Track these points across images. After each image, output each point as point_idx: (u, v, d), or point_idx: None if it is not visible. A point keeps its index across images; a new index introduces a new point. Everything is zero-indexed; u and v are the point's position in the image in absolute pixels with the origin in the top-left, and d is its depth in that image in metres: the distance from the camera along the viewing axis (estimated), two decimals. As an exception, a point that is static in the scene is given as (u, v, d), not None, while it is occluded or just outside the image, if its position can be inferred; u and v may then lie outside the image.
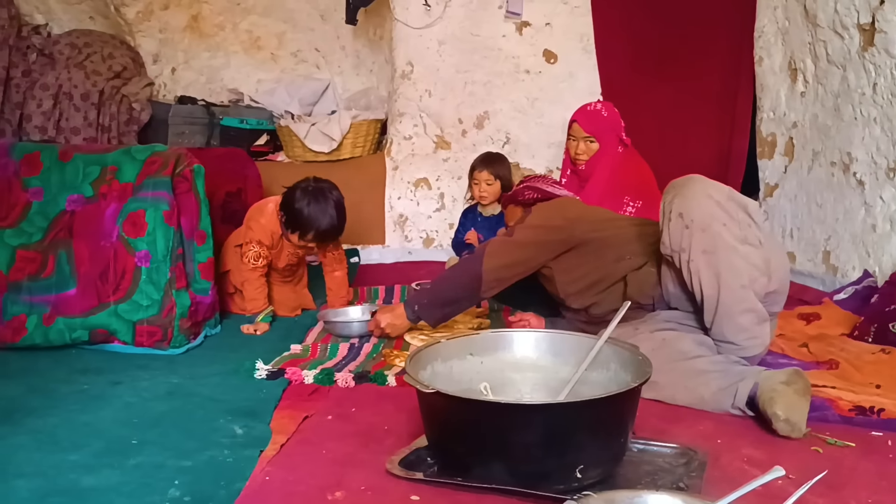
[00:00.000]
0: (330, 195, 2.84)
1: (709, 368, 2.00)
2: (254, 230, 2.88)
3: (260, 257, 2.86)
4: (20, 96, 4.20)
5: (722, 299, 1.98)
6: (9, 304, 2.49)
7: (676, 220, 2.00)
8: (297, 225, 2.82)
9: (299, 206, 2.79)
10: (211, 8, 4.76)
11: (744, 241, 1.99)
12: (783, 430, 1.77)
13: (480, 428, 1.44)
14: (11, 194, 2.63)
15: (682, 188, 2.05)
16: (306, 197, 2.80)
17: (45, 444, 1.70)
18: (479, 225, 3.64)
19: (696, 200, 1.99)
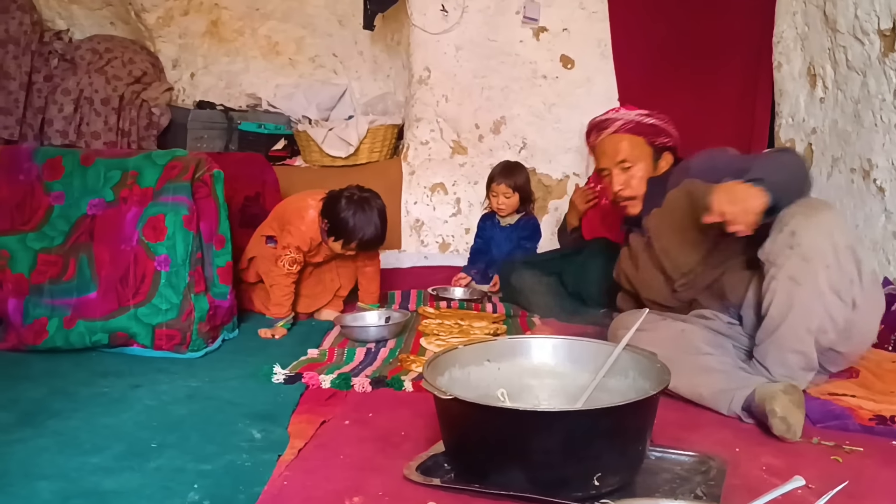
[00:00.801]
0: (374, 204, 2.87)
1: (715, 367, 2.02)
2: (293, 235, 2.88)
3: (295, 263, 2.87)
4: (42, 101, 4.25)
5: (782, 330, 1.95)
6: (30, 307, 2.52)
7: (787, 235, 1.93)
8: (340, 233, 2.84)
9: (344, 216, 2.81)
10: (230, 13, 4.80)
11: (835, 292, 1.92)
12: (779, 427, 1.77)
13: (498, 434, 1.44)
14: (34, 198, 2.67)
15: (812, 210, 1.95)
16: (351, 206, 2.82)
17: (67, 447, 1.72)
18: (498, 234, 3.64)
19: (816, 231, 1.91)
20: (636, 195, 2.40)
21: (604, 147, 2.43)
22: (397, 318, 2.81)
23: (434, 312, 3.08)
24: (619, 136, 2.40)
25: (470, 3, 4.17)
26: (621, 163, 2.39)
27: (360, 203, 2.84)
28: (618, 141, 2.40)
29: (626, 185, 2.40)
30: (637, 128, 2.39)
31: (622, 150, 2.39)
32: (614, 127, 2.39)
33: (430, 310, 3.13)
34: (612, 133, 2.40)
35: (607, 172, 2.42)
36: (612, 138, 2.41)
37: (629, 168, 2.39)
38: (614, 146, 2.40)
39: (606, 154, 2.42)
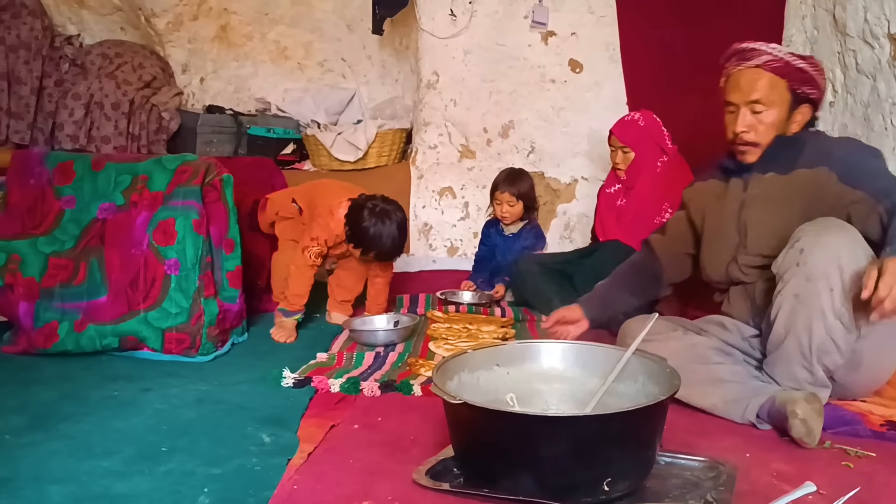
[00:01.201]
0: (395, 216, 2.89)
1: (726, 378, 2.01)
2: (322, 229, 2.91)
3: (321, 256, 2.90)
4: (52, 105, 4.27)
5: (786, 344, 1.94)
6: (41, 310, 2.53)
7: (796, 252, 1.91)
8: (360, 242, 2.87)
9: (365, 226, 2.84)
10: (239, 18, 4.82)
11: (837, 316, 1.87)
12: (798, 430, 1.77)
13: (508, 439, 1.44)
14: (45, 202, 2.69)
15: (825, 230, 1.91)
16: (372, 217, 2.84)
17: (78, 450, 1.73)
18: (501, 241, 3.62)
19: (823, 252, 1.87)
20: (759, 143, 2.15)
21: (739, 79, 2.14)
22: (406, 322, 2.81)
23: (443, 316, 3.08)
24: (760, 72, 2.10)
25: (478, 7, 4.18)
26: (754, 102, 2.12)
27: (380, 215, 2.86)
28: (757, 77, 2.11)
29: (751, 128, 2.14)
30: (784, 68, 2.10)
31: (759, 88, 2.11)
32: (758, 60, 2.10)
33: (439, 314, 3.13)
34: (754, 66, 2.11)
35: (734, 109, 2.16)
36: (751, 72, 2.12)
37: (761, 111, 2.12)
38: (751, 82, 2.11)
39: (740, 88, 2.13)
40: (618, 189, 3.41)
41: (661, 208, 3.23)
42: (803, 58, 2.12)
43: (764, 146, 2.16)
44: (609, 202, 3.43)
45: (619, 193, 3.39)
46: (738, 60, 2.15)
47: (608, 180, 3.50)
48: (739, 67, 2.13)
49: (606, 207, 3.43)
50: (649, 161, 3.29)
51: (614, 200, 3.41)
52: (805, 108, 2.16)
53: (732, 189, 2.26)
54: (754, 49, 2.12)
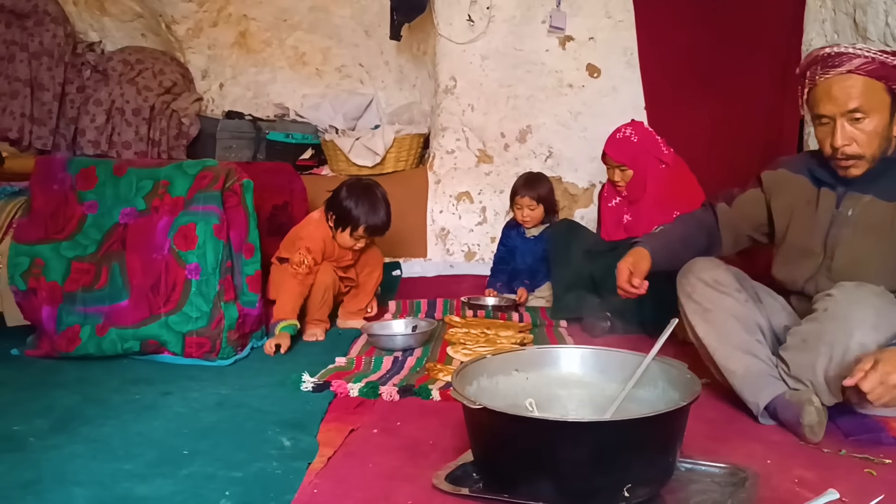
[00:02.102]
0: (376, 190, 2.95)
1: (759, 356, 2.01)
2: (303, 238, 2.92)
3: (303, 263, 2.84)
4: (74, 111, 4.32)
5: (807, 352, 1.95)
6: (64, 314, 2.57)
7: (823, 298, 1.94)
8: (347, 221, 2.90)
9: (347, 204, 2.89)
10: (258, 24, 4.86)
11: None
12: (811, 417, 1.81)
13: (527, 445, 1.44)
14: (68, 207, 2.72)
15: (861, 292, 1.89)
16: (353, 193, 2.90)
17: (100, 453, 1.75)
18: (522, 244, 3.61)
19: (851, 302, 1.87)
20: (864, 154, 1.97)
21: (830, 88, 1.96)
22: (424, 326, 2.81)
23: (460, 321, 3.08)
24: (854, 78, 1.93)
25: (496, 12, 4.18)
26: (852, 112, 1.94)
27: (361, 189, 2.93)
28: (852, 84, 1.93)
29: (853, 139, 1.96)
30: (880, 69, 1.92)
31: (856, 95, 1.93)
32: (849, 65, 1.93)
33: (457, 319, 3.13)
34: (846, 72, 1.94)
35: (828, 121, 1.98)
36: (843, 79, 1.94)
37: (860, 119, 1.95)
38: (846, 89, 1.94)
39: (833, 98, 1.95)
40: (620, 202, 3.32)
41: (672, 217, 3.16)
42: (895, 53, 1.97)
43: (870, 157, 1.99)
44: (614, 217, 3.33)
45: (623, 207, 3.30)
46: (825, 68, 1.97)
47: (608, 192, 3.38)
48: (828, 76, 1.96)
49: (612, 223, 3.34)
50: (650, 175, 3.19)
51: (619, 216, 3.31)
52: None
53: (824, 200, 2.10)
54: (842, 53, 1.95)
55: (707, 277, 2.11)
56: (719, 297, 2.06)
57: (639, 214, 3.22)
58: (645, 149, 3.20)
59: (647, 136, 3.24)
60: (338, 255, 3.02)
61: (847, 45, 1.97)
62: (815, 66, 2.00)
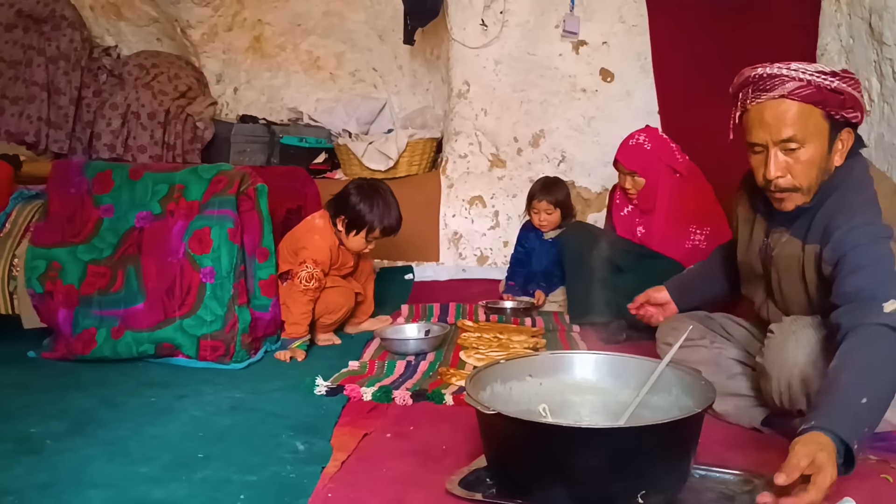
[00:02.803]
0: (384, 189, 2.91)
1: (742, 392, 2.04)
2: (309, 249, 2.81)
3: (312, 279, 2.75)
4: (91, 115, 4.36)
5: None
6: (80, 317, 2.59)
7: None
8: (362, 223, 2.84)
9: (361, 207, 2.84)
10: (273, 29, 4.89)
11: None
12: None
13: (541, 451, 1.44)
14: (84, 211, 2.74)
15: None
16: (365, 195, 2.85)
17: (116, 456, 1.76)
18: (539, 246, 3.61)
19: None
20: (799, 186, 1.81)
21: (762, 114, 1.78)
22: (437, 331, 2.82)
23: (473, 326, 3.08)
24: (788, 103, 1.76)
25: (509, 17, 4.19)
26: (786, 141, 1.77)
27: (370, 190, 2.88)
28: (785, 109, 1.76)
29: (787, 170, 1.80)
30: (816, 94, 1.75)
31: (790, 122, 1.76)
32: (782, 89, 1.75)
33: (469, 323, 3.13)
34: (778, 97, 1.76)
35: (760, 149, 1.82)
36: (776, 104, 1.77)
37: (795, 149, 1.78)
38: (778, 116, 1.76)
39: (765, 125, 1.78)
40: (631, 211, 3.23)
41: (687, 231, 3.11)
42: (836, 74, 1.77)
43: (806, 189, 1.82)
44: (627, 228, 3.25)
45: (635, 218, 3.22)
46: (756, 92, 1.78)
47: (620, 199, 3.29)
48: (759, 100, 1.78)
49: (626, 233, 3.25)
50: (662, 184, 3.12)
51: (633, 227, 3.23)
52: (846, 134, 1.82)
53: (758, 227, 2.02)
54: (774, 75, 1.76)
55: (670, 340, 2.09)
56: (688, 351, 2.05)
57: (651, 228, 3.15)
58: (658, 157, 3.13)
59: (660, 144, 3.18)
60: (341, 262, 2.97)
61: (781, 66, 1.77)
62: (747, 89, 1.81)
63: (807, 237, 1.85)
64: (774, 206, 1.88)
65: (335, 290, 2.91)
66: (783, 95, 1.75)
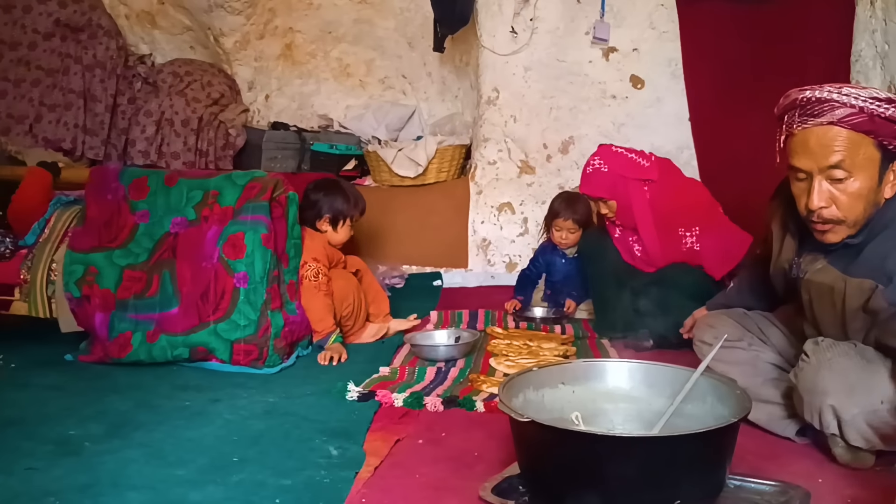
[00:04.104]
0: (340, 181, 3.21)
1: (776, 400, 2.01)
2: (304, 252, 2.90)
3: (319, 273, 2.86)
4: (126, 122, 4.44)
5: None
6: (116, 321, 2.63)
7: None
8: (344, 214, 3.05)
9: (337, 203, 3.04)
10: (304, 37, 4.94)
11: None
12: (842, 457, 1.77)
13: (575, 459, 1.44)
14: (120, 217, 2.79)
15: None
16: (331, 191, 3.07)
17: (153, 459, 1.79)
18: (559, 262, 3.57)
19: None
20: (844, 219, 1.72)
21: (807, 140, 1.69)
22: (467, 337, 2.82)
23: (502, 333, 3.08)
24: (837, 130, 1.66)
25: (539, 24, 4.20)
26: (833, 169, 1.68)
27: (330, 185, 3.12)
28: (833, 137, 1.66)
29: (832, 201, 1.71)
30: (868, 123, 1.64)
31: (837, 150, 1.66)
32: (831, 115, 1.65)
33: (499, 330, 3.13)
34: (826, 124, 1.67)
35: (805, 176, 1.73)
36: (824, 131, 1.67)
37: (842, 179, 1.68)
38: (826, 143, 1.66)
39: (810, 152, 1.68)
40: (623, 232, 3.13)
41: (677, 237, 3.03)
42: (891, 101, 1.65)
43: (851, 222, 1.72)
44: (626, 249, 3.15)
45: (628, 238, 3.12)
46: (804, 116, 1.69)
47: (609, 224, 3.17)
48: (807, 126, 1.68)
49: (626, 254, 3.15)
50: (634, 200, 3.00)
51: (629, 247, 3.14)
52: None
53: (787, 246, 1.96)
54: (824, 99, 1.66)
55: (708, 338, 2.11)
56: (726, 352, 2.01)
57: (644, 243, 3.07)
58: (618, 174, 3.00)
59: (618, 161, 3.03)
60: (336, 259, 3.09)
61: (832, 89, 1.67)
62: (793, 112, 1.72)
63: (850, 270, 1.77)
64: (816, 236, 1.79)
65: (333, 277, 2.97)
66: (832, 122, 1.66)
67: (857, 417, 1.72)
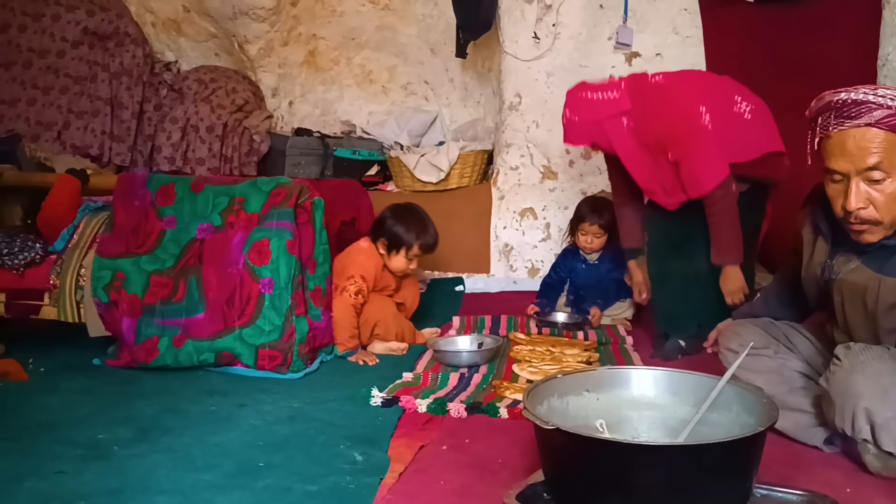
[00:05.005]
0: (419, 210, 3.09)
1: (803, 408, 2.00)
2: (356, 266, 2.94)
3: (360, 293, 2.89)
4: (151, 129, 4.50)
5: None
6: (143, 326, 2.66)
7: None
8: (401, 243, 2.99)
9: (398, 229, 3.00)
10: (327, 44, 4.98)
11: None
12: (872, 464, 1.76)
13: (601, 467, 1.44)
14: (148, 223, 2.83)
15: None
16: (400, 217, 3.03)
17: (181, 463, 1.81)
18: (582, 268, 3.56)
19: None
20: (882, 220, 1.73)
21: (844, 142, 1.70)
22: (489, 343, 2.82)
23: (525, 339, 3.08)
24: (874, 132, 1.68)
25: (562, 29, 4.20)
26: (870, 170, 1.70)
27: (405, 211, 3.06)
28: (871, 138, 1.68)
29: (869, 202, 1.72)
30: None
31: (875, 151, 1.68)
32: (869, 117, 1.67)
33: (522, 336, 3.13)
34: (864, 126, 1.68)
35: (841, 178, 1.74)
36: (861, 133, 1.68)
37: (880, 180, 1.70)
38: (863, 145, 1.68)
39: (847, 153, 1.70)
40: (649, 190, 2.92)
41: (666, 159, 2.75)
42: None
43: (889, 223, 1.73)
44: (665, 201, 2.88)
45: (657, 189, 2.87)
46: (840, 118, 1.70)
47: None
48: (843, 128, 1.69)
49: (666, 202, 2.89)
50: (614, 138, 2.80)
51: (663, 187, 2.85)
52: None
53: (819, 248, 1.96)
54: (860, 101, 1.67)
55: (733, 346, 2.10)
56: (751, 360, 1.99)
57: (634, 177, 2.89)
58: (591, 121, 2.82)
59: (585, 106, 2.85)
60: (384, 284, 3.07)
61: (868, 91, 1.68)
62: (828, 115, 1.72)
63: (885, 269, 1.78)
64: (853, 237, 1.80)
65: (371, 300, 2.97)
66: (869, 124, 1.67)
67: (892, 421, 1.71)
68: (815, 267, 1.96)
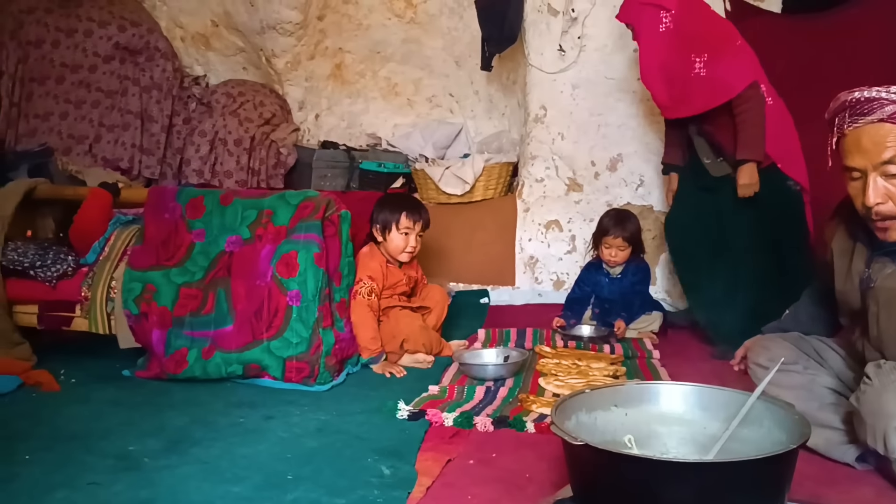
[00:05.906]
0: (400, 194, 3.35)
1: (834, 424, 1.98)
2: (361, 270, 3.01)
3: (372, 292, 2.95)
4: (181, 142, 4.56)
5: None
6: (172, 338, 2.69)
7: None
8: (389, 219, 3.08)
9: (383, 210, 3.11)
10: (353, 57, 5.02)
11: None
12: None
13: (630, 483, 1.42)
14: (177, 235, 2.86)
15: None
16: (381, 202, 3.19)
17: (210, 475, 1.82)
18: (606, 282, 3.55)
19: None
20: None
21: (859, 139, 1.75)
22: (515, 357, 2.82)
23: (551, 352, 3.08)
24: (889, 127, 1.72)
25: (587, 42, 4.20)
26: (886, 164, 1.73)
27: (385, 196, 3.27)
28: (885, 133, 1.72)
29: (887, 197, 1.75)
30: None
31: (890, 145, 1.71)
32: (881, 113, 1.72)
33: (548, 349, 3.13)
34: (877, 121, 1.73)
35: (858, 175, 1.78)
36: (875, 128, 1.73)
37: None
38: (878, 140, 1.72)
39: (863, 149, 1.74)
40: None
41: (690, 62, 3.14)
42: None
43: None
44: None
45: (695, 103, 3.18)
46: (854, 116, 1.75)
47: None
48: (857, 125, 1.74)
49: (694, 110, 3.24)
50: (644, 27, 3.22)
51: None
52: None
53: (857, 257, 1.95)
54: (872, 98, 1.72)
55: (763, 361, 2.09)
56: (781, 376, 1.97)
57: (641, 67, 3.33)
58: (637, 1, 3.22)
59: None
60: (394, 281, 3.09)
61: (880, 89, 1.73)
62: (843, 114, 1.77)
63: None
64: (878, 235, 1.82)
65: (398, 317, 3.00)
66: (882, 119, 1.72)
67: None
68: (854, 277, 1.94)
